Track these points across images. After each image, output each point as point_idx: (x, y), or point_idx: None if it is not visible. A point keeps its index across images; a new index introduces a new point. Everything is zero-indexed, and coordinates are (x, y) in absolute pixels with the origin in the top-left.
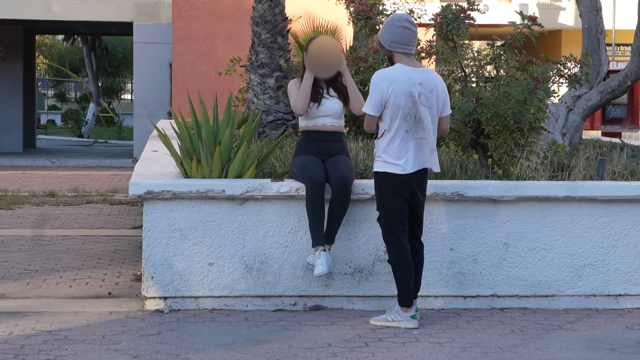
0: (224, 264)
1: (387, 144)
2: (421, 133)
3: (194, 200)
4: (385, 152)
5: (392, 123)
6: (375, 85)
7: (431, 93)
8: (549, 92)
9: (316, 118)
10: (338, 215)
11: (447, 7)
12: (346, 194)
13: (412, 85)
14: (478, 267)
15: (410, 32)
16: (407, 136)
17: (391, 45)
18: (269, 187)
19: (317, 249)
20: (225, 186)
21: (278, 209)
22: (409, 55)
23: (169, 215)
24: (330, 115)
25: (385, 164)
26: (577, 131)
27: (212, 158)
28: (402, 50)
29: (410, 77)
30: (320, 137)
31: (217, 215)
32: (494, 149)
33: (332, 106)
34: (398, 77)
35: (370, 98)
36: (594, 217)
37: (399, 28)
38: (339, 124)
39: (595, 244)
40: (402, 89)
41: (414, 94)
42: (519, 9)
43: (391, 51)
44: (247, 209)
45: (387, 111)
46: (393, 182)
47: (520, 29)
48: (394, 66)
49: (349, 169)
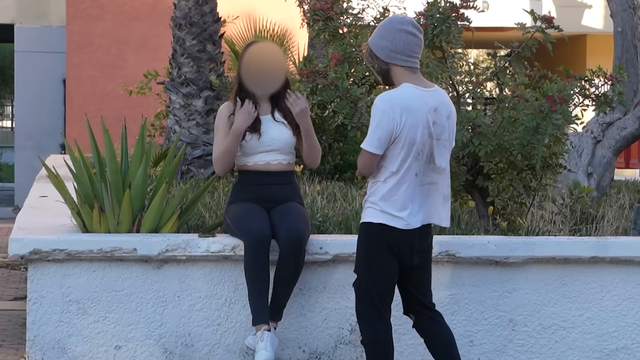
0: (136, 347)
1: (390, 189)
2: (431, 176)
3: (95, 262)
4: (385, 200)
5: (402, 164)
6: (383, 113)
7: (448, 121)
8: (570, 117)
9: (257, 154)
10: (287, 282)
11: (433, 3)
12: (298, 255)
13: (428, 112)
14: (475, 351)
15: (416, 39)
16: (416, 181)
17: (389, 55)
18: (195, 245)
19: (260, 328)
20: (138, 243)
21: (208, 274)
22: (414, 71)
23: (62, 282)
24: (277, 149)
25: (382, 214)
26: (608, 170)
27: (119, 206)
28: (405, 63)
29: (426, 101)
30: (263, 179)
31: (127, 283)
32: (496, 193)
33: (280, 137)
34: (412, 102)
35: (375, 131)
36: (629, 285)
37: (400, 33)
38: (287, 160)
39: (632, 320)
40: (418, 119)
41: (430, 124)
42: (530, 7)
43: (389, 64)
44: (167, 274)
45: (397, 148)
46: (389, 239)
47: (532, 33)
48: (402, 87)
49: (302, 221)
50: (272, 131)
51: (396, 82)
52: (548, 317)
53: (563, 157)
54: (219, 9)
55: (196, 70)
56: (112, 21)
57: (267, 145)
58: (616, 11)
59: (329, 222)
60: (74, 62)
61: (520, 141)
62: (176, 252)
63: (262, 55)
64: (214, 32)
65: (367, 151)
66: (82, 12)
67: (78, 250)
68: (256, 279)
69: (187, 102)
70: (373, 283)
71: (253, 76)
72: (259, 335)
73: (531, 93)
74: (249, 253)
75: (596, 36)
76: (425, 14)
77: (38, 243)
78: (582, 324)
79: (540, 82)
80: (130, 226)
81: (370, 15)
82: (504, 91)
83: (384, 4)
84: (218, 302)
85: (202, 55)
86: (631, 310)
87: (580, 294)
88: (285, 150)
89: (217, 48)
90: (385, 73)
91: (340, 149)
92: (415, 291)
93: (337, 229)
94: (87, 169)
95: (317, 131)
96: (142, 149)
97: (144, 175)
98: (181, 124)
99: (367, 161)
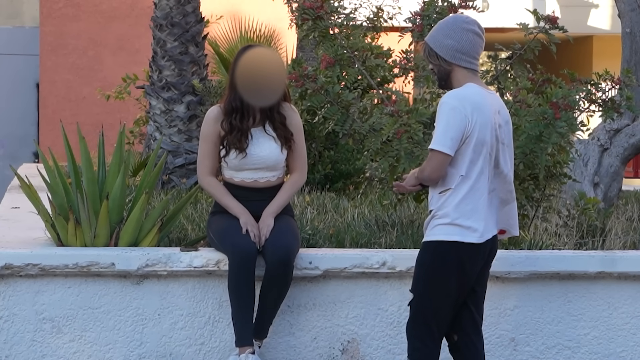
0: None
1: (463, 198)
2: (495, 183)
3: (71, 277)
4: (459, 211)
5: (471, 167)
6: (454, 110)
7: (507, 125)
8: (575, 124)
9: (244, 171)
10: (274, 299)
11: (430, 3)
12: (285, 272)
13: (494, 114)
14: None
15: (481, 40)
16: (484, 187)
17: (455, 55)
18: (177, 259)
19: (243, 350)
20: (116, 258)
21: (190, 290)
22: (475, 73)
23: (35, 299)
24: (264, 168)
25: (455, 229)
26: (615, 179)
27: (96, 218)
28: (469, 65)
29: (491, 102)
30: (250, 195)
31: (104, 300)
32: None
33: (269, 156)
34: (481, 101)
35: (447, 130)
36: (638, 302)
37: (467, 33)
38: (276, 176)
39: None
40: (488, 119)
41: (497, 126)
42: (533, 6)
43: (452, 64)
44: (147, 290)
45: (467, 149)
46: (463, 257)
47: (535, 34)
48: (468, 86)
49: (291, 236)
50: (262, 149)
51: (457, 84)
52: (552, 336)
53: (568, 166)
54: (202, 9)
55: (178, 73)
56: (89, 21)
57: (254, 164)
58: (624, 11)
59: (319, 235)
60: (48, 65)
61: (523, 149)
62: (157, 267)
63: (262, 64)
64: (196, 33)
65: (439, 151)
66: (57, 12)
67: (52, 265)
68: (240, 297)
69: (169, 107)
70: (433, 306)
71: (251, 87)
72: (243, 358)
73: (534, 98)
74: (233, 268)
75: (603, 37)
76: (422, 14)
77: (10, 257)
78: (588, 344)
79: (543, 86)
80: (108, 239)
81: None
82: (505, 96)
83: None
84: (201, 320)
85: (184, 57)
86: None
87: (586, 312)
88: (274, 167)
89: (200, 50)
90: (445, 74)
91: (331, 158)
92: (472, 305)
93: (327, 243)
94: (62, 179)
95: (306, 138)
96: (121, 158)
97: (122, 185)
98: (162, 130)
99: (438, 164)
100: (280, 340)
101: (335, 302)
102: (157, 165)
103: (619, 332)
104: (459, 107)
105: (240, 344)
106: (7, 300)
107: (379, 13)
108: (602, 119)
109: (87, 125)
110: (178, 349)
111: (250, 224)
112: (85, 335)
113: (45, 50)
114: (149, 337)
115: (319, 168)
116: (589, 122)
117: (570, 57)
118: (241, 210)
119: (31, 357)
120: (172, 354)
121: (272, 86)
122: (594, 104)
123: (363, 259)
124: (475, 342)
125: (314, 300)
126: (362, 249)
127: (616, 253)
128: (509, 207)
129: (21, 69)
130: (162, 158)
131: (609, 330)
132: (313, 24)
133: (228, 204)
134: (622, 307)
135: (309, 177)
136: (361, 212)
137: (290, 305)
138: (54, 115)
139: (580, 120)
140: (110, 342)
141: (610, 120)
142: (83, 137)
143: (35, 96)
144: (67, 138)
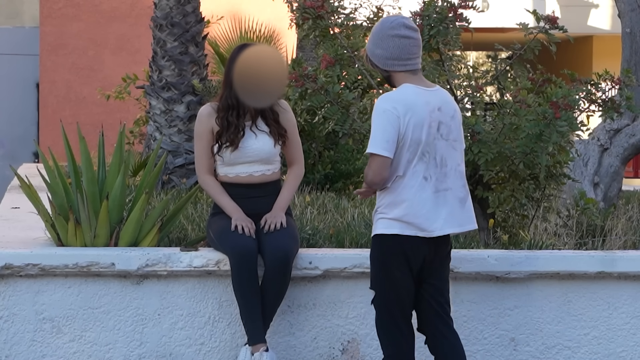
0: None
1: (398, 194)
2: (446, 183)
3: (71, 277)
4: (395, 206)
5: (408, 166)
6: (385, 113)
7: (453, 121)
8: (575, 124)
9: (238, 165)
10: (273, 300)
11: (430, 3)
12: (284, 273)
13: (431, 111)
14: None
15: (410, 40)
16: (427, 186)
17: (386, 63)
18: (177, 260)
19: (257, 349)
20: (116, 258)
21: (190, 290)
22: (414, 72)
23: (35, 299)
24: (259, 161)
25: (394, 223)
26: (615, 179)
27: (96, 218)
28: (404, 67)
29: (428, 100)
30: (246, 192)
31: (104, 300)
32: (496, 204)
33: (262, 148)
34: (414, 101)
35: (382, 133)
36: (638, 302)
37: (393, 39)
38: (272, 170)
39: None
40: (422, 118)
41: (435, 124)
42: (533, 7)
43: (388, 71)
44: (147, 290)
45: (403, 149)
46: (405, 248)
47: (535, 34)
48: (403, 87)
49: (289, 236)
50: (255, 142)
51: (398, 86)
52: (552, 336)
53: (568, 166)
54: (202, 9)
55: (178, 73)
56: (89, 21)
57: (249, 157)
58: (624, 11)
59: (319, 235)
60: (48, 65)
61: (523, 149)
62: (157, 267)
63: (262, 64)
64: (196, 33)
65: (378, 155)
66: (57, 12)
67: (52, 265)
68: (245, 296)
69: (168, 107)
70: (393, 297)
71: (250, 89)
72: (257, 357)
73: (534, 98)
74: (235, 269)
75: (603, 37)
76: (422, 14)
77: (10, 257)
78: (588, 344)
79: (543, 86)
80: (108, 239)
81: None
82: (505, 96)
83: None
84: (201, 320)
85: (184, 57)
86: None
87: (586, 312)
88: (269, 160)
89: (200, 50)
90: (387, 78)
91: (331, 157)
92: (432, 299)
93: (327, 243)
94: (62, 179)
95: (306, 138)
96: (121, 158)
97: (122, 185)
98: (162, 130)
99: (378, 168)
100: (280, 340)
101: (335, 302)
102: (157, 165)
103: (619, 332)
104: (390, 109)
105: (252, 342)
106: (7, 300)
107: (379, 13)
108: (602, 119)
109: (87, 125)
110: (178, 349)
111: (240, 220)
112: (85, 335)
113: (45, 50)
114: (149, 337)
115: (319, 168)
116: (589, 122)
117: (570, 57)
118: (233, 208)
119: (31, 357)
120: (172, 354)
121: (273, 88)
122: (594, 104)
123: (363, 259)
124: (448, 335)
125: (314, 300)
126: (362, 249)
127: (616, 253)
128: (468, 203)
129: (21, 69)
130: (162, 158)
131: (609, 330)
132: (313, 23)
133: (223, 202)
134: (622, 307)
135: (309, 177)
136: (361, 212)
137: (290, 305)
138: (54, 115)
139: (580, 120)
140: (110, 342)
141: (610, 120)
142: (83, 137)
143: (35, 96)
144: (67, 138)
